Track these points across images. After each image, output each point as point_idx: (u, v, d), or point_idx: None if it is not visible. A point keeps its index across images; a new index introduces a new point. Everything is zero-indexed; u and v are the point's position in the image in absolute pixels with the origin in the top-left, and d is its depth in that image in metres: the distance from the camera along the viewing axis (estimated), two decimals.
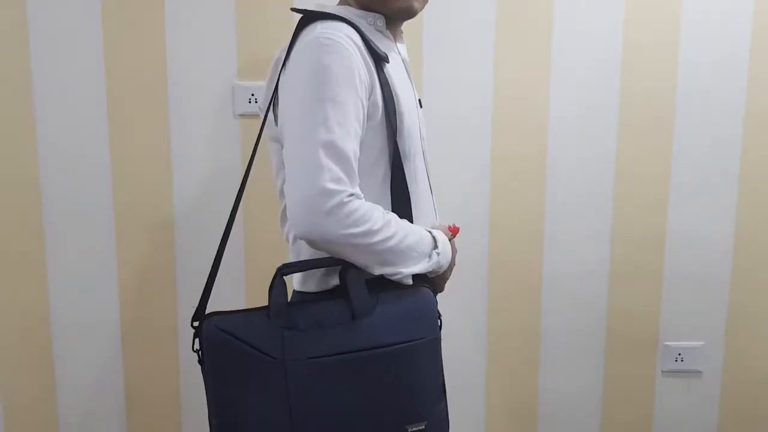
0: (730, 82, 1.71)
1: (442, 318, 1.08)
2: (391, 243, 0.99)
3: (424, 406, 1.03)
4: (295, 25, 1.09)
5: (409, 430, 1.01)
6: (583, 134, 1.71)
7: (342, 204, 0.93)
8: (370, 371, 0.99)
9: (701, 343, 1.82)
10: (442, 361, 1.07)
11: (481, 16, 1.66)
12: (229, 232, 1.09)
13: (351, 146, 0.96)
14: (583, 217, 1.75)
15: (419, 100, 1.21)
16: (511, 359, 1.79)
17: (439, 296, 1.66)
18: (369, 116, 1.03)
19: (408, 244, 1.02)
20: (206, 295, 1.07)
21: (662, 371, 1.83)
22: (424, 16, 1.63)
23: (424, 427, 1.02)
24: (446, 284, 1.19)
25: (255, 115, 1.63)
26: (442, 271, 1.11)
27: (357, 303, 1.00)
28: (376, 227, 0.96)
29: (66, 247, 1.65)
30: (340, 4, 1.17)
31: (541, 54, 1.68)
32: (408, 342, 1.01)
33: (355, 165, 0.97)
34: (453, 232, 1.15)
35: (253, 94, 1.62)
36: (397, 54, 1.17)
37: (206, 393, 1.03)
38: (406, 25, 1.23)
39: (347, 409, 0.99)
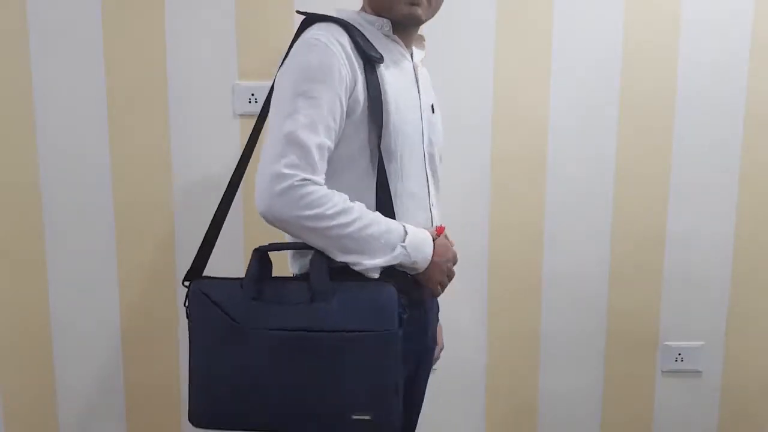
0: (730, 83, 1.71)
1: (405, 316, 1.08)
2: (349, 230, 1.03)
3: (371, 397, 1.06)
4: (297, 26, 1.14)
5: (353, 417, 1.06)
6: (583, 134, 1.71)
7: (293, 187, 1.00)
8: (321, 352, 1.05)
9: (701, 343, 1.82)
10: (399, 359, 1.07)
11: (481, 16, 1.66)
12: (228, 204, 1.23)
13: (314, 138, 1.03)
14: (583, 217, 1.75)
15: (432, 105, 1.25)
16: (511, 359, 1.79)
17: (440, 297, 1.65)
18: (349, 111, 1.08)
19: (370, 233, 1.05)
20: (199, 257, 1.20)
21: (662, 371, 1.83)
22: None
23: (369, 418, 1.06)
24: (445, 287, 1.19)
25: (255, 115, 1.62)
26: (418, 268, 1.11)
27: (316, 286, 1.06)
28: (330, 212, 1.02)
29: (66, 247, 1.65)
30: (359, 10, 1.22)
31: (541, 54, 1.68)
32: (361, 331, 1.05)
33: (318, 155, 1.03)
34: (438, 231, 1.17)
35: (253, 94, 1.62)
36: (405, 58, 1.21)
37: (189, 341, 1.14)
38: None
39: (299, 383, 1.06)
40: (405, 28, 1.20)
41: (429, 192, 1.22)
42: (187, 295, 1.14)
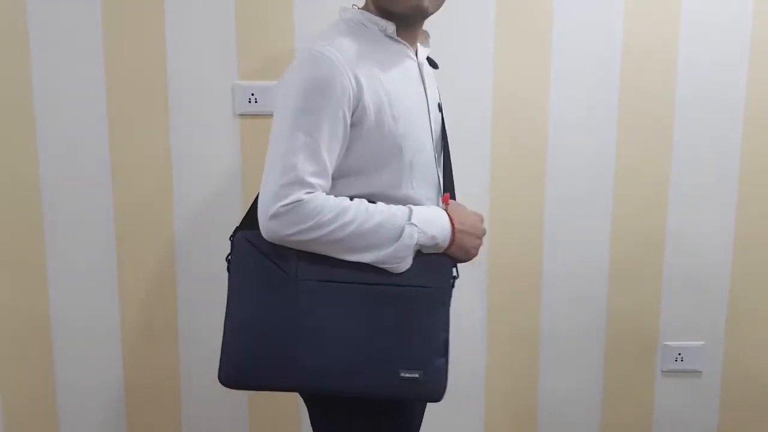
0: (730, 83, 1.71)
1: (456, 278, 1.12)
2: (351, 228, 1.03)
3: (421, 355, 1.06)
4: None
5: (402, 374, 1.05)
6: (583, 134, 1.71)
7: (288, 207, 1.01)
8: (373, 305, 1.05)
9: (701, 343, 1.82)
10: (448, 318, 1.10)
11: (481, 16, 1.66)
12: None
13: (311, 157, 1.03)
14: (583, 217, 1.75)
15: (439, 104, 1.24)
16: (511, 359, 1.79)
17: None
18: (356, 122, 1.07)
19: (374, 224, 1.04)
20: (247, 217, 1.15)
21: (662, 371, 1.83)
22: None
23: (417, 376, 1.05)
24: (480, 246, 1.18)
25: (255, 115, 1.63)
26: (441, 242, 1.09)
27: None
28: (326, 218, 1.02)
29: (66, 247, 1.65)
30: (362, 7, 1.19)
31: (541, 54, 1.68)
32: (414, 287, 1.06)
33: (313, 173, 1.02)
34: (444, 200, 1.16)
35: (253, 94, 1.62)
36: (409, 58, 1.19)
37: (227, 296, 1.10)
38: None
39: (347, 337, 1.05)
40: (410, 24, 1.17)
41: (439, 195, 1.22)
42: (231, 247, 1.11)
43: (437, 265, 1.09)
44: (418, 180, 1.15)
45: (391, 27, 1.15)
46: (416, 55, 1.21)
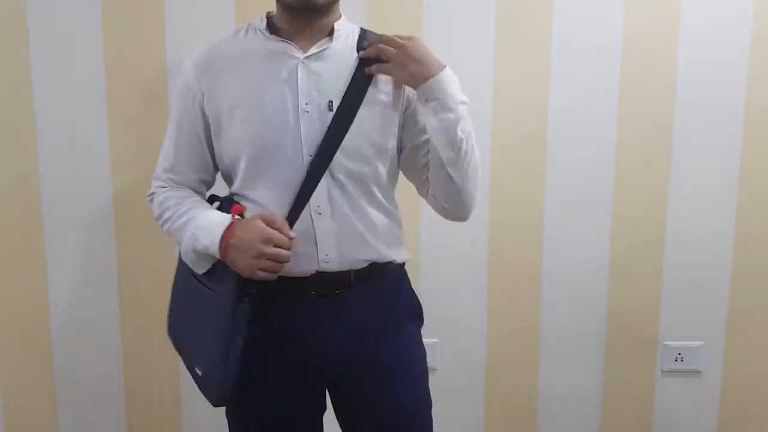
0: (730, 83, 1.71)
1: (249, 298, 1.10)
2: (167, 225, 1.18)
3: (207, 356, 1.12)
4: None
5: (195, 369, 1.17)
6: (583, 134, 1.71)
7: (149, 197, 1.23)
8: (196, 299, 1.18)
9: (701, 343, 1.82)
10: (237, 328, 1.09)
11: (481, 16, 1.66)
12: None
13: (166, 155, 1.22)
14: (583, 217, 1.75)
15: (330, 102, 1.12)
16: (511, 359, 1.79)
17: (440, 297, 1.65)
18: (208, 126, 1.18)
19: (176, 226, 1.16)
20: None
21: (662, 371, 1.83)
22: (424, 16, 1.62)
23: (200, 374, 1.15)
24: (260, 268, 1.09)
25: None
26: (213, 252, 1.09)
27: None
28: (156, 213, 1.21)
29: (66, 247, 1.65)
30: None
31: (541, 54, 1.68)
32: (210, 290, 1.14)
33: (166, 169, 1.21)
34: (233, 211, 1.12)
35: None
36: (289, 57, 1.13)
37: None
38: (407, 27, 1.22)
39: (185, 325, 1.22)
40: (306, 17, 1.12)
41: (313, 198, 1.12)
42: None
43: (226, 274, 1.10)
44: (267, 184, 1.12)
45: (262, 25, 1.17)
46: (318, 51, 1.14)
